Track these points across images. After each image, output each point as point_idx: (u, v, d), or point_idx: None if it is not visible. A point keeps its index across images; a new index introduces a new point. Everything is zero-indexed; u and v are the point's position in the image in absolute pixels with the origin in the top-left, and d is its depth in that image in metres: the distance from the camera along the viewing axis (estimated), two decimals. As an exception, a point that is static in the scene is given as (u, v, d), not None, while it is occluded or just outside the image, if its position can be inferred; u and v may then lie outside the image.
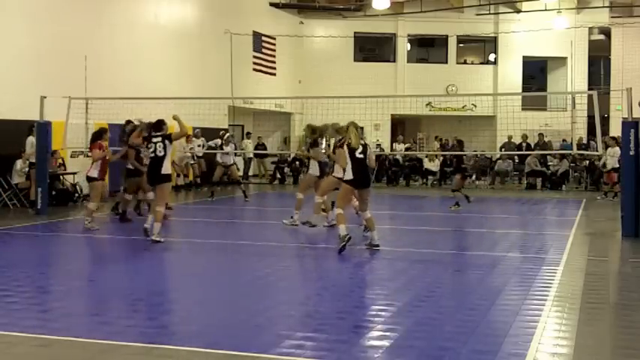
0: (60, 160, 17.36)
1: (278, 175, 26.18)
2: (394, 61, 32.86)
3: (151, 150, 11.02)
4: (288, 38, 29.54)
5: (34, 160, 15.36)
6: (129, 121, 14.41)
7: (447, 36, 32.48)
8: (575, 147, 16.33)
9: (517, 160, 25.47)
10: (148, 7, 21.71)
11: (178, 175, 20.88)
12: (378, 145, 27.89)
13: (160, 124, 11.25)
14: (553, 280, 8.37)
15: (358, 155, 10.11)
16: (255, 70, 27.74)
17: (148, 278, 8.67)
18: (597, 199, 19.49)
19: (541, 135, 26.42)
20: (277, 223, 13.23)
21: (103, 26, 19.31)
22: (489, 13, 31.96)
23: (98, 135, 12.94)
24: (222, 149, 18.84)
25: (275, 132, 29.85)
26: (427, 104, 30.41)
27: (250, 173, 26.88)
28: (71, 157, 17.99)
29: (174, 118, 11.36)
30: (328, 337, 5.90)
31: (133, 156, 13.37)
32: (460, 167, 17.19)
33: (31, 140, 15.70)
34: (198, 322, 6.46)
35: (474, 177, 25.08)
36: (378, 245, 10.36)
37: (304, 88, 29.97)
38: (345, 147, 10.22)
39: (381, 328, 6.19)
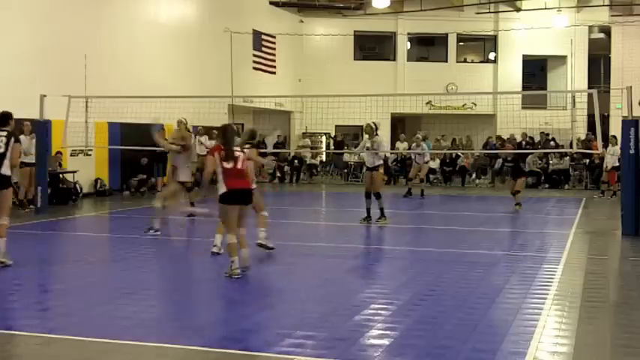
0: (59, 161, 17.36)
1: (278, 174, 26.19)
2: (394, 59, 32.85)
3: None
4: (288, 37, 29.53)
5: (25, 160, 15.15)
6: None
7: (447, 34, 32.46)
8: (575, 146, 16.25)
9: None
10: (148, 6, 21.70)
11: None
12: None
13: (5, 118, 9.36)
14: (553, 278, 8.37)
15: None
16: (255, 68, 27.73)
17: (147, 277, 8.67)
18: (594, 198, 19.53)
19: (543, 134, 26.42)
20: (275, 222, 13.21)
21: (103, 25, 19.31)
22: (489, 12, 31.94)
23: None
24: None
25: (275, 130, 29.86)
26: (427, 103, 30.38)
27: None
28: (71, 155, 17.99)
29: None
30: (328, 335, 5.90)
31: None
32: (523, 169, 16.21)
33: (22, 138, 15.62)
34: (198, 321, 6.47)
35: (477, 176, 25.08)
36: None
37: (304, 87, 29.96)
38: None
39: (381, 326, 6.19)
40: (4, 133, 9.02)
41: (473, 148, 27.82)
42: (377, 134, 13.49)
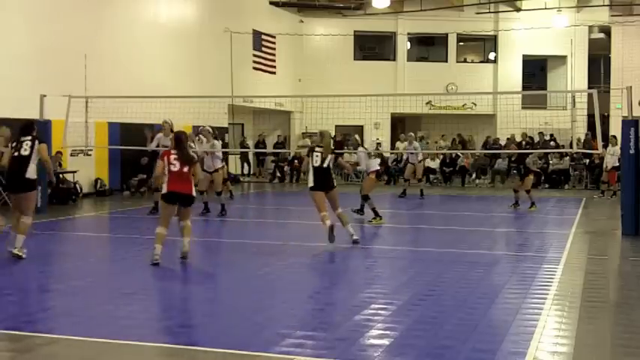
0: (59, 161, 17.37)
1: (278, 174, 26.22)
2: (394, 59, 32.85)
3: (16, 148, 9.57)
4: (288, 37, 29.53)
5: None
6: None
7: (447, 34, 32.47)
8: (575, 146, 16.27)
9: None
10: (148, 6, 21.70)
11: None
12: (379, 144, 27.96)
13: (31, 126, 9.87)
14: (553, 278, 8.37)
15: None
16: (255, 68, 27.73)
17: (147, 277, 8.67)
18: (594, 198, 19.54)
19: (541, 134, 26.43)
20: (276, 222, 13.22)
21: (103, 25, 19.30)
22: (489, 12, 31.95)
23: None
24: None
25: (275, 130, 29.88)
26: (427, 103, 30.39)
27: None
28: (71, 155, 18.00)
29: None
30: (328, 335, 5.90)
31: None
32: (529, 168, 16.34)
33: None
34: (198, 321, 6.47)
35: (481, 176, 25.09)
36: (357, 241, 10.84)
37: (304, 87, 29.96)
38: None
39: (381, 326, 6.19)
40: (29, 138, 9.74)
41: (474, 148, 27.82)
42: (362, 146, 14.79)
